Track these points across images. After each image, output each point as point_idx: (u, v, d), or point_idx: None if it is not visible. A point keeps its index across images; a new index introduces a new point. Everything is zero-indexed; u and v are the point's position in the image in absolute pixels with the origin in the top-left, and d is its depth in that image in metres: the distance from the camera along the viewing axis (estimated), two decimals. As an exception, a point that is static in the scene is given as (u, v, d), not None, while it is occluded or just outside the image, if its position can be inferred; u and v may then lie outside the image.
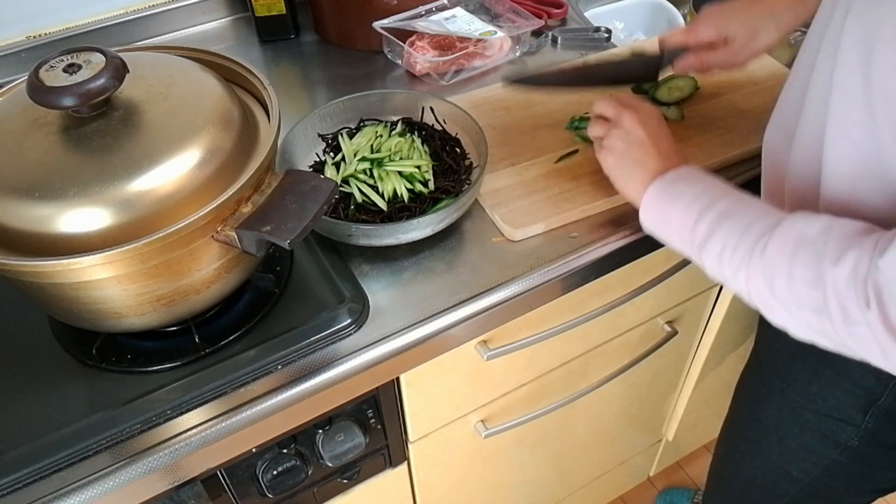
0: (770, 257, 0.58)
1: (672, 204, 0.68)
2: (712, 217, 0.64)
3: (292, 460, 0.77)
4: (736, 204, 0.64)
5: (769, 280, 0.58)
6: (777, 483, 0.88)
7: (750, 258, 0.60)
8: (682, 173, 0.70)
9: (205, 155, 0.62)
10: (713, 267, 0.65)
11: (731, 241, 0.62)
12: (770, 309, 0.61)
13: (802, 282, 0.56)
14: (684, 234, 0.67)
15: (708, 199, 0.65)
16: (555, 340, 0.89)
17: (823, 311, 0.55)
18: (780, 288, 0.58)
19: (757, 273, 0.60)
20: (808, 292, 0.55)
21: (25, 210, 0.58)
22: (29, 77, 0.59)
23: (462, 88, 1.03)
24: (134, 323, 0.65)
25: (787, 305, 0.58)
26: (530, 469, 1.19)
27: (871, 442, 0.75)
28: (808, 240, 0.56)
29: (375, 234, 0.75)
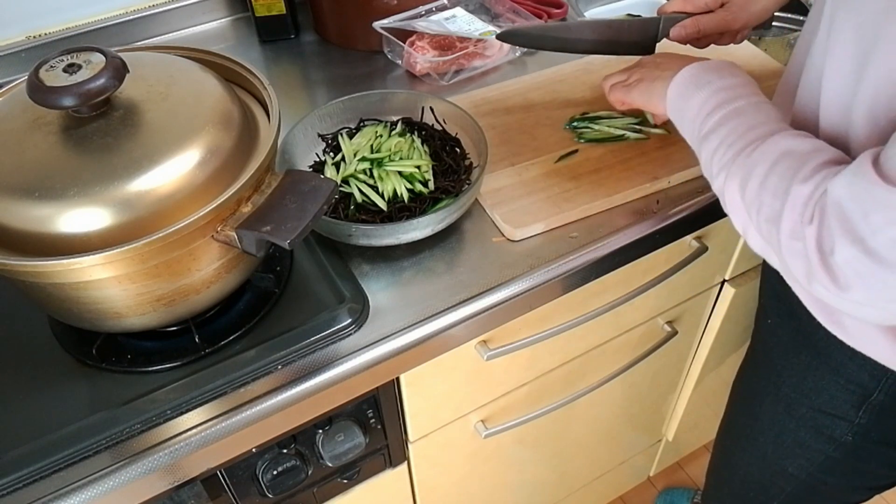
0: (753, 161, 0.59)
1: (697, 90, 0.67)
2: (724, 112, 0.64)
3: (292, 460, 0.77)
4: (752, 106, 0.63)
5: (744, 182, 0.59)
6: (773, 479, 0.88)
7: (736, 158, 0.60)
8: (720, 63, 0.69)
9: (205, 155, 0.62)
10: (706, 162, 0.65)
11: (729, 139, 0.62)
12: (736, 211, 0.61)
13: (771, 190, 0.56)
14: (695, 123, 0.67)
15: (729, 95, 0.65)
16: (555, 340, 0.89)
17: (776, 220, 0.56)
18: (750, 190, 0.58)
19: (735, 176, 0.60)
20: (771, 201, 0.56)
21: (25, 210, 0.58)
22: (29, 77, 0.59)
23: (462, 88, 1.03)
24: (134, 323, 0.65)
25: (750, 208, 0.59)
26: (530, 469, 1.19)
27: (864, 438, 0.75)
28: (794, 154, 0.57)
29: (375, 234, 0.75)
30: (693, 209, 0.85)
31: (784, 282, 0.74)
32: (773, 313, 0.82)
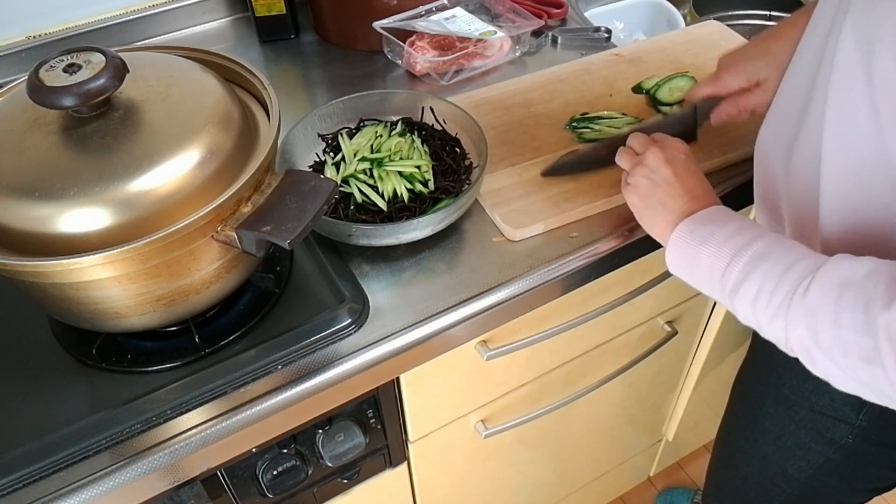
0: (812, 302, 0.54)
1: (701, 246, 0.64)
2: (746, 259, 0.60)
3: (292, 460, 0.77)
4: (771, 245, 0.60)
5: (812, 327, 0.54)
6: (774, 481, 0.88)
7: (790, 304, 0.56)
8: (712, 213, 0.66)
9: (205, 155, 0.62)
10: (746, 313, 0.61)
11: (768, 285, 0.58)
12: (811, 359, 0.57)
13: (850, 328, 0.52)
14: (714, 278, 0.63)
15: (741, 241, 0.61)
16: (555, 340, 0.89)
17: (875, 358, 0.51)
18: (823, 335, 0.54)
19: (797, 320, 0.56)
20: (857, 338, 0.51)
21: (25, 210, 0.58)
22: (29, 77, 0.59)
23: (462, 88, 1.03)
24: (134, 323, 0.65)
25: (832, 354, 0.54)
26: (530, 469, 1.19)
27: (865, 440, 0.75)
28: (855, 282, 0.53)
29: (375, 234, 0.75)
30: (693, 209, 0.84)
31: None
32: None
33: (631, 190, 0.74)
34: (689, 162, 0.73)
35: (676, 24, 1.29)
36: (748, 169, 0.87)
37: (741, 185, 0.86)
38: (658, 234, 0.71)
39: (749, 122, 0.91)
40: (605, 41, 1.13)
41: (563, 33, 1.13)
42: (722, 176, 0.87)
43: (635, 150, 0.76)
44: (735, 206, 0.87)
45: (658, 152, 0.72)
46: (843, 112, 0.58)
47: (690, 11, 1.29)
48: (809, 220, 0.66)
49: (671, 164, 0.71)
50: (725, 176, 0.87)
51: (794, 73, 0.69)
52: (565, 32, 1.13)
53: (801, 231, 0.69)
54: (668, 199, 0.70)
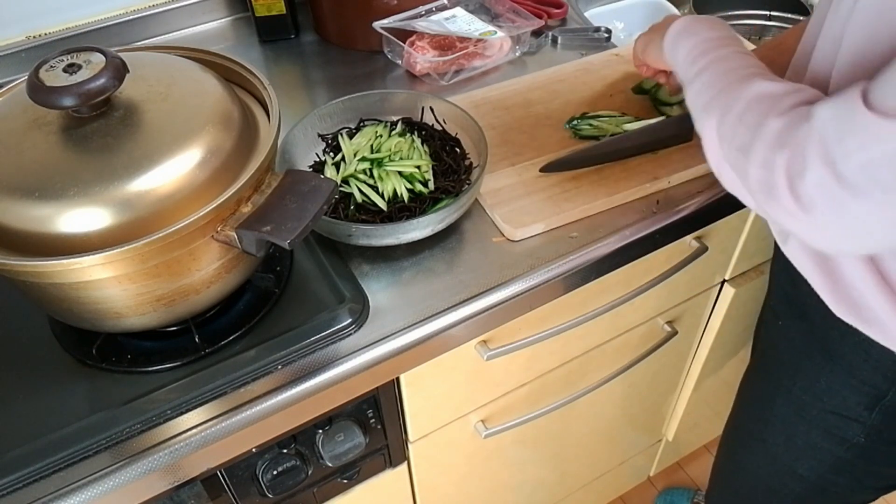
0: (731, 99, 0.60)
1: (686, 38, 0.71)
2: (709, 58, 0.66)
3: (292, 460, 0.77)
4: (734, 54, 0.66)
5: (721, 118, 0.61)
6: (783, 481, 0.88)
7: (716, 97, 0.62)
8: (711, 19, 0.72)
9: (205, 155, 0.62)
10: (691, 103, 0.67)
11: (710, 80, 0.64)
12: (711, 148, 0.63)
13: (746, 124, 0.58)
14: (684, 67, 0.69)
15: (714, 44, 0.67)
16: (555, 340, 0.89)
17: (746, 150, 0.57)
18: (726, 125, 0.60)
19: (714, 111, 0.62)
20: (744, 132, 0.58)
21: (25, 210, 0.58)
22: (29, 77, 0.59)
23: (462, 88, 1.03)
24: (134, 323, 0.65)
25: (723, 140, 0.61)
26: (530, 469, 1.19)
27: (877, 439, 0.75)
28: (773, 94, 0.58)
29: (375, 234, 0.75)
30: (693, 209, 0.85)
31: (795, 284, 0.74)
32: (784, 315, 0.82)
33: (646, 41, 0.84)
34: None
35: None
36: None
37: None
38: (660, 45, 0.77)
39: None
40: (605, 41, 1.13)
41: (563, 33, 1.13)
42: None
43: None
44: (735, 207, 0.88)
45: None
46: None
47: (690, 11, 1.29)
48: None
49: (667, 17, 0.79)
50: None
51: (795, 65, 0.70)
52: (565, 32, 1.13)
53: None
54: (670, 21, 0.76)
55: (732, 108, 0.60)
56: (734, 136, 0.59)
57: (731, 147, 0.59)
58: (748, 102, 0.59)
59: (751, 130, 0.57)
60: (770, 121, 0.56)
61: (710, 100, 0.63)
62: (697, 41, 0.69)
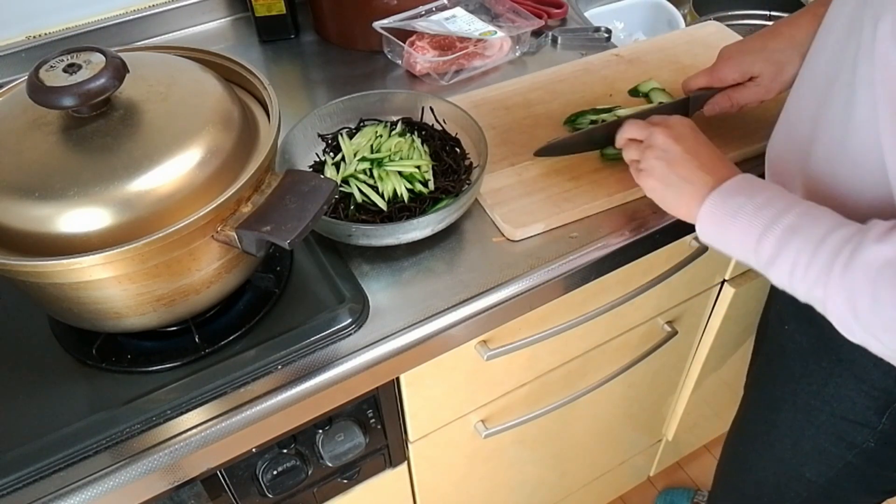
0: (850, 278, 0.55)
1: (732, 219, 0.64)
2: (778, 233, 0.60)
3: (292, 460, 0.77)
4: (803, 217, 0.60)
5: (850, 302, 0.55)
6: (789, 485, 0.87)
7: (828, 279, 0.56)
8: (740, 184, 0.66)
9: (205, 155, 0.62)
10: (783, 284, 0.61)
11: (802, 259, 0.58)
12: (850, 330, 0.57)
13: (890, 304, 0.52)
14: (748, 250, 0.63)
15: (771, 213, 0.61)
16: (555, 340, 0.89)
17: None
18: (863, 311, 0.54)
19: (836, 295, 0.56)
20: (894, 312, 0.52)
21: (25, 210, 0.58)
22: (29, 77, 0.59)
23: (462, 88, 1.03)
24: (134, 323, 0.65)
25: (872, 328, 0.55)
26: (530, 469, 1.19)
27: (886, 443, 0.75)
28: (893, 258, 0.53)
29: (375, 234, 0.75)
30: (693, 209, 0.84)
31: None
32: (790, 319, 0.81)
33: (646, 174, 0.73)
34: (698, 134, 0.72)
35: (677, 25, 1.29)
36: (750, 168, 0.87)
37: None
38: (684, 212, 0.70)
39: (750, 121, 0.91)
40: (605, 41, 1.13)
41: (563, 33, 1.13)
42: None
43: (638, 139, 0.75)
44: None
45: (665, 131, 0.71)
46: None
47: (691, 11, 1.29)
48: None
49: (681, 140, 0.71)
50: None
51: (805, 78, 0.69)
52: (565, 32, 1.13)
53: None
54: (688, 174, 0.69)
55: (858, 289, 0.54)
56: (885, 321, 0.53)
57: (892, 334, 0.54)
58: (874, 278, 0.53)
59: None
60: None
61: (821, 281, 0.57)
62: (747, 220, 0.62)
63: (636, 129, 0.75)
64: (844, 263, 0.56)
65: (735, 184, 0.66)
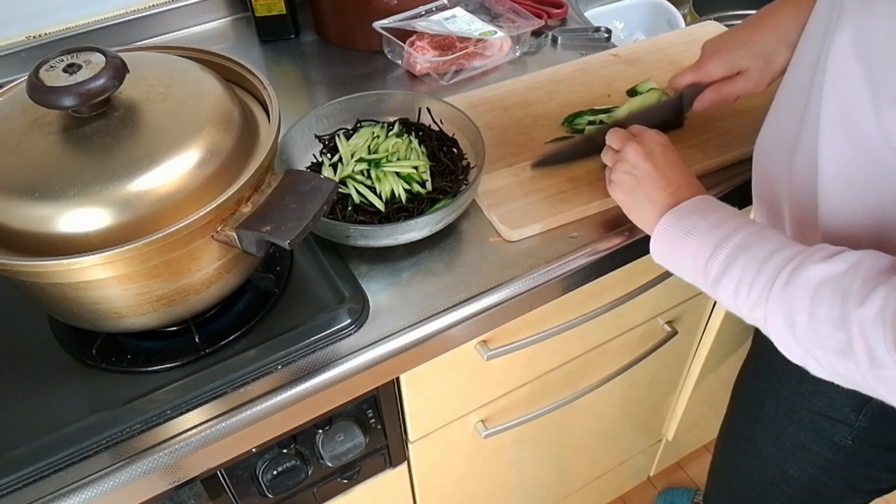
0: (789, 295, 0.56)
1: (684, 238, 0.65)
2: (727, 252, 0.61)
3: (292, 460, 0.77)
4: (751, 237, 0.61)
5: (789, 319, 0.56)
6: (774, 482, 0.88)
7: (769, 296, 0.57)
8: (695, 204, 0.67)
9: (205, 155, 0.62)
10: (728, 303, 0.62)
11: (747, 277, 0.59)
12: (788, 349, 0.58)
13: (825, 322, 0.53)
14: (698, 270, 0.64)
15: (721, 233, 0.62)
16: (555, 340, 0.89)
17: (847, 352, 0.52)
18: (800, 327, 0.55)
19: (775, 312, 0.57)
20: (831, 332, 0.53)
21: (25, 210, 0.58)
22: (29, 77, 0.59)
23: (462, 88, 1.03)
24: (134, 323, 0.65)
25: (808, 346, 0.55)
26: (530, 469, 1.19)
27: (864, 441, 0.75)
28: (833, 277, 0.53)
29: (373, 234, 0.75)
30: (692, 209, 0.85)
31: None
32: None
33: (615, 186, 0.75)
34: (669, 152, 0.73)
35: (676, 25, 1.29)
36: (746, 169, 0.87)
37: (740, 186, 0.86)
38: (646, 228, 0.72)
39: (745, 123, 0.91)
40: (604, 41, 1.13)
41: (562, 33, 1.13)
42: (721, 176, 0.87)
43: (614, 147, 0.77)
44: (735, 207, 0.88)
45: (636, 146, 0.73)
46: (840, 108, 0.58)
47: (690, 11, 1.29)
48: (811, 219, 0.67)
49: (650, 157, 0.72)
50: (724, 176, 0.87)
51: (792, 74, 0.70)
52: (565, 32, 1.13)
53: (802, 229, 0.70)
54: (652, 192, 0.71)
55: (797, 306, 0.55)
56: (820, 339, 0.54)
57: (827, 352, 0.54)
58: (812, 297, 0.54)
59: (838, 329, 0.52)
60: (852, 312, 0.51)
61: (759, 300, 0.58)
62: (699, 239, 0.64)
63: (615, 138, 0.77)
64: (786, 280, 0.56)
65: (691, 204, 0.67)
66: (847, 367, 0.53)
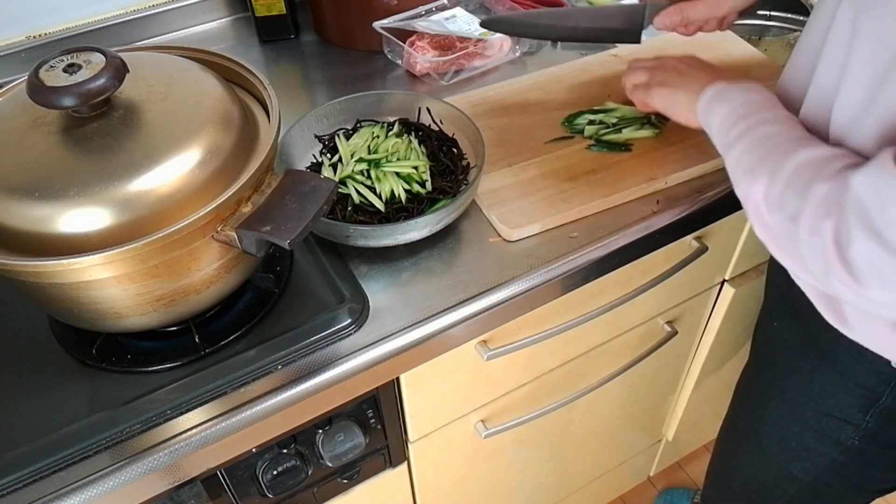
0: (777, 166, 0.59)
1: (721, 104, 0.69)
2: (748, 123, 0.65)
3: (292, 460, 0.77)
4: (775, 118, 0.65)
5: (768, 185, 0.60)
6: (777, 482, 0.88)
7: (760, 163, 0.61)
8: (745, 84, 0.70)
9: (205, 155, 0.62)
10: (732, 169, 0.66)
11: (753, 146, 0.63)
12: (758, 215, 0.62)
13: (794, 190, 0.57)
14: (721, 134, 0.68)
15: (752, 109, 0.66)
16: (555, 340, 0.89)
17: (796, 217, 0.56)
18: (773, 191, 0.59)
19: (760, 178, 0.60)
20: (793, 200, 0.57)
21: (25, 210, 0.58)
22: (29, 77, 0.59)
23: (462, 88, 1.03)
24: (134, 323, 0.65)
25: (771, 209, 0.59)
26: (530, 469, 1.19)
27: (871, 441, 0.75)
28: (818, 159, 0.57)
29: (373, 235, 0.75)
30: (693, 209, 0.85)
31: (790, 284, 0.74)
32: (778, 316, 0.82)
33: (657, 87, 0.79)
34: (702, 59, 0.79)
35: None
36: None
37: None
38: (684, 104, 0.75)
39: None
40: (604, 41, 1.13)
41: (562, 33, 1.13)
42: (721, 175, 0.87)
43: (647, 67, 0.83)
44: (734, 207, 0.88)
45: (675, 56, 0.79)
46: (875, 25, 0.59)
47: (690, 11, 1.29)
48: None
49: (691, 58, 0.79)
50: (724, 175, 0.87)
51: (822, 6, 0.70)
52: (565, 32, 1.13)
53: None
54: (699, 75, 0.76)
55: (779, 174, 0.59)
56: (783, 203, 0.58)
57: (782, 215, 0.58)
58: (796, 168, 0.58)
59: (799, 197, 0.56)
60: (816, 186, 0.55)
61: (753, 164, 0.62)
62: (734, 106, 0.68)
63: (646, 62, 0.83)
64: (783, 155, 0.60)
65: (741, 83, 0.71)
66: (789, 230, 0.57)
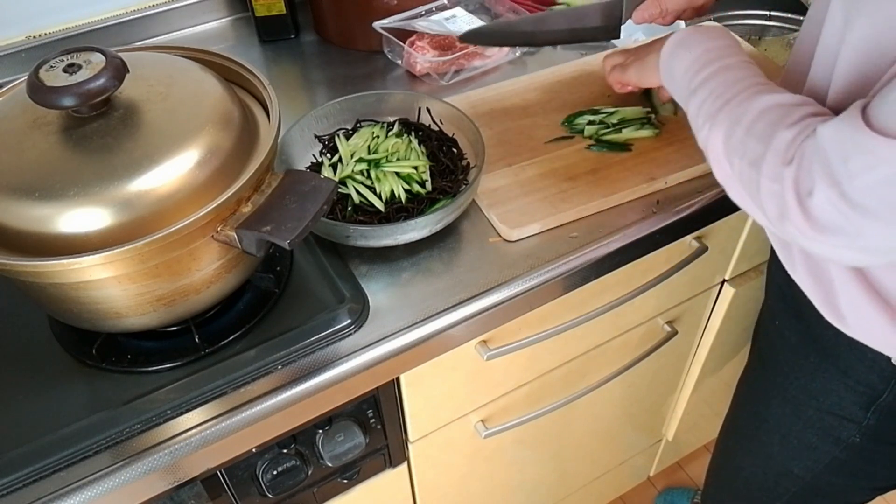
0: (741, 110, 0.59)
1: (685, 51, 0.69)
2: (713, 69, 0.65)
3: (292, 460, 0.77)
4: (739, 64, 0.64)
5: (730, 130, 0.60)
6: (778, 480, 0.88)
7: (723, 108, 0.61)
8: (710, 27, 0.70)
9: (205, 155, 0.62)
10: (693, 115, 0.65)
11: (717, 91, 0.63)
12: (718, 161, 0.62)
13: (756, 136, 0.57)
14: (684, 80, 0.68)
15: (717, 54, 0.66)
16: (555, 340, 0.89)
17: (758, 163, 0.56)
18: (735, 137, 0.59)
19: (722, 123, 0.61)
20: (755, 146, 0.57)
21: (25, 210, 0.58)
22: (29, 77, 0.59)
23: (462, 88, 1.03)
24: (134, 323, 0.65)
25: (732, 155, 0.60)
26: (530, 469, 1.19)
27: (872, 439, 0.75)
28: (783, 105, 0.58)
29: (373, 235, 0.75)
30: (693, 209, 0.85)
31: (792, 283, 0.74)
32: (780, 315, 0.82)
33: (631, 62, 0.81)
34: None
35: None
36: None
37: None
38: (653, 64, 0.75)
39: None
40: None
41: (562, 33, 1.13)
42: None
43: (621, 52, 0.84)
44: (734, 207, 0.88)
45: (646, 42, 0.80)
46: None
47: (690, 11, 1.29)
48: None
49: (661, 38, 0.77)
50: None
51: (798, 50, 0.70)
52: (565, 32, 1.13)
53: None
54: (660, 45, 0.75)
55: (742, 120, 0.59)
56: (745, 149, 0.58)
57: (743, 161, 0.58)
58: (759, 113, 0.58)
59: (761, 142, 0.56)
60: (780, 132, 0.55)
61: (716, 111, 0.62)
62: (699, 52, 0.67)
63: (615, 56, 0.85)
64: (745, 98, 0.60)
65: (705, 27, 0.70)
66: (750, 175, 0.58)
